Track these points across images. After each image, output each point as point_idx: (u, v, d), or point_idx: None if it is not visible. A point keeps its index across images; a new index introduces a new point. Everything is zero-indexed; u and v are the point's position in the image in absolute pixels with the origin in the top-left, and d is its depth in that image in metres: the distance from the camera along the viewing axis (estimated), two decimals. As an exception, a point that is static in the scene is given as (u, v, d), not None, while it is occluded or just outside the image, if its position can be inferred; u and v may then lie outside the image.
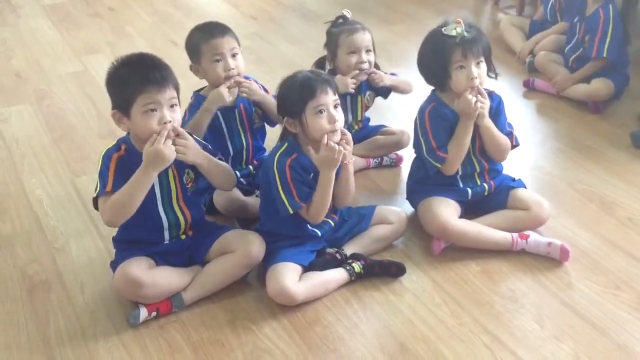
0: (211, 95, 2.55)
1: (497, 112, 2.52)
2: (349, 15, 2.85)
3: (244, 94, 2.59)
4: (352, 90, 2.78)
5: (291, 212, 2.22)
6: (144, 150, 2.06)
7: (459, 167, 2.49)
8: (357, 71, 2.78)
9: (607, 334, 2.11)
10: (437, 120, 2.46)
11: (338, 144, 2.19)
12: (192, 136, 2.22)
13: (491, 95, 2.52)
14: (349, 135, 2.25)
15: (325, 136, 2.18)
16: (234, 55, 2.56)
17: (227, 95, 2.53)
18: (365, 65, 2.79)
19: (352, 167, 2.32)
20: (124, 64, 2.15)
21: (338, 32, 2.80)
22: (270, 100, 2.62)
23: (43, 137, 3.35)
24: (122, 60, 2.15)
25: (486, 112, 2.43)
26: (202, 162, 2.21)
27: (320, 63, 2.94)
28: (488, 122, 2.46)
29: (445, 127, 2.47)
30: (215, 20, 2.71)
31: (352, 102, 2.91)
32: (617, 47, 3.41)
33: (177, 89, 2.16)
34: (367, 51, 2.79)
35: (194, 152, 2.17)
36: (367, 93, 2.92)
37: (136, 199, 2.06)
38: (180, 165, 2.22)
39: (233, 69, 2.55)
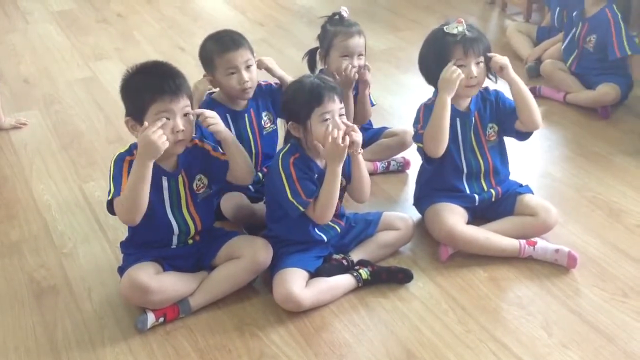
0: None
1: (497, 101, 2.53)
2: (346, 15, 2.85)
3: (264, 69, 2.71)
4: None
5: (301, 209, 2.22)
6: (138, 138, 2.06)
7: (439, 148, 2.39)
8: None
9: (615, 342, 2.10)
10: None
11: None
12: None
13: (487, 90, 2.55)
14: (355, 127, 2.24)
15: (330, 126, 2.18)
16: (248, 67, 2.57)
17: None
18: (354, 70, 2.79)
19: (362, 158, 2.31)
20: (139, 72, 2.14)
21: (334, 32, 2.80)
22: (289, 80, 2.67)
23: (51, 143, 3.36)
24: (137, 68, 2.15)
25: (509, 64, 2.41)
26: (229, 137, 2.27)
27: (312, 55, 2.94)
28: (514, 75, 2.42)
29: None
30: (224, 27, 2.72)
31: None
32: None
33: (190, 98, 2.16)
34: (359, 56, 2.81)
35: (223, 125, 2.25)
36: None
37: (140, 191, 2.03)
38: (191, 172, 2.23)
39: (247, 81, 2.56)
